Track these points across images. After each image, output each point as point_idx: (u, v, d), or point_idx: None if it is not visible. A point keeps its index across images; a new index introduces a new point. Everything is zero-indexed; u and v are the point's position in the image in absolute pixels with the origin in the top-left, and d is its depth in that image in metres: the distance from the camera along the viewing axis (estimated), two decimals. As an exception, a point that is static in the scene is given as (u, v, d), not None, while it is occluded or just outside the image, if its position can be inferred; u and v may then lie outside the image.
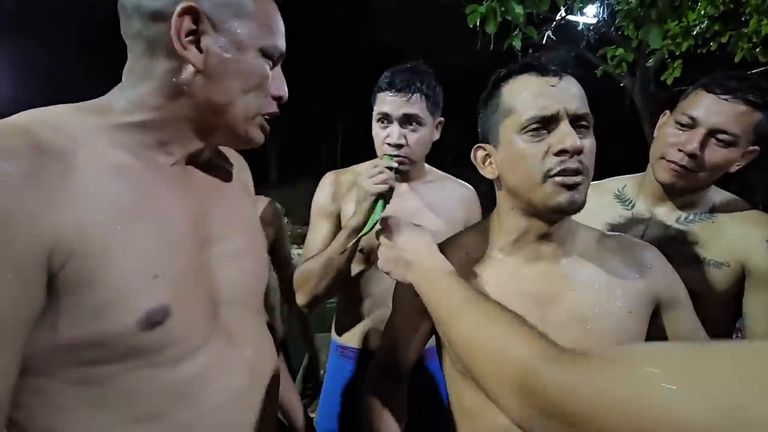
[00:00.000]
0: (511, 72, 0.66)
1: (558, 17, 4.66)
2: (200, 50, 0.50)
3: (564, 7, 4.44)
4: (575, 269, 0.67)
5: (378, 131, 1.07)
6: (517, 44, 3.27)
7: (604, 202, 1.07)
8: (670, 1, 3.05)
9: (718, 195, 0.98)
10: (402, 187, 1.13)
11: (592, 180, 0.68)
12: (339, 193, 1.12)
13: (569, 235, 0.69)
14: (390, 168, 0.94)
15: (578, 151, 0.59)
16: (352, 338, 1.17)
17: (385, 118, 1.04)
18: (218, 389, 0.54)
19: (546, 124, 0.61)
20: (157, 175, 0.52)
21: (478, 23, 2.99)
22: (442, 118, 1.11)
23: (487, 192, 0.72)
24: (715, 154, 0.86)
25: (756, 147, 0.88)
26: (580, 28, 5.15)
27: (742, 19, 3.89)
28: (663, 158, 0.92)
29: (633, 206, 1.04)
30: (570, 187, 0.60)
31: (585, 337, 0.63)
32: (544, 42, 4.71)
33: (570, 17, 5.00)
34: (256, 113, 0.57)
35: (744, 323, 0.91)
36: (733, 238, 0.91)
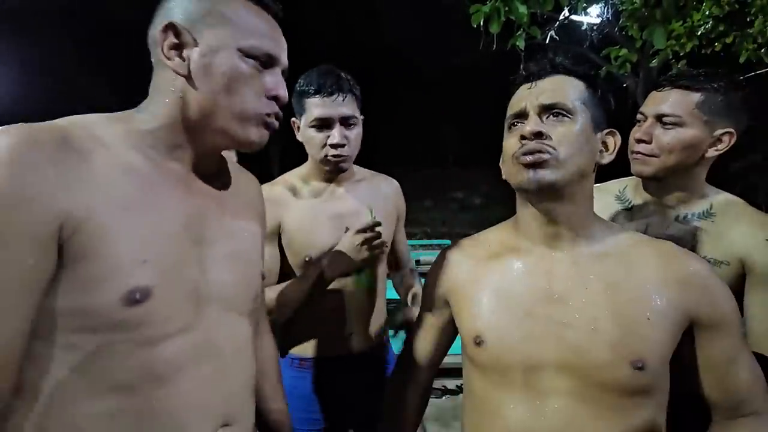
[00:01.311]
0: (513, 87, 0.75)
1: (561, 17, 4.64)
2: (183, 59, 0.59)
3: (567, 6, 4.43)
4: (594, 266, 0.67)
5: (314, 135, 1.09)
6: (521, 44, 3.26)
7: (606, 204, 1.10)
8: (675, 1, 3.04)
9: (716, 195, 1.02)
10: (338, 190, 1.18)
11: (600, 182, 0.70)
12: (277, 210, 1.12)
13: (586, 228, 0.70)
14: (377, 224, 1.03)
15: (535, 134, 0.65)
16: (309, 348, 1.16)
17: (323, 122, 1.06)
18: (191, 375, 0.58)
19: (520, 119, 0.70)
20: (162, 176, 0.59)
21: (481, 23, 2.98)
22: (362, 116, 1.16)
23: (488, 192, 0.73)
24: (664, 136, 0.96)
25: (730, 130, 0.95)
26: (584, 28, 5.14)
27: (747, 19, 3.87)
28: (631, 153, 1.03)
29: (632, 206, 1.07)
30: (530, 166, 0.65)
31: (590, 338, 0.63)
32: (547, 42, 4.69)
33: (573, 17, 4.99)
34: (252, 113, 0.62)
35: (745, 323, 0.91)
36: (732, 236, 0.93)
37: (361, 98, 1.14)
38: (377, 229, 1.05)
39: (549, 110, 0.67)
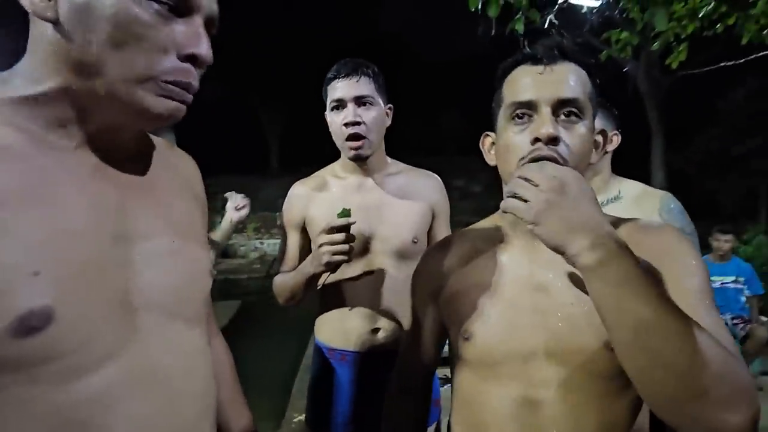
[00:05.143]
0: (512, 63, 0.67)
1: (560, 0, 4.56)
2: None
3: (567, -11, 4.35)
4: None
5: (333, 118, 1.12)
6: (520, 29, 3.22)
7: None
8: (677, -18, 2.98)
9: (621, 183, 1.31)
10: (368, 183, 1.17)
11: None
12: (303, 204, 1.18)
13: None
14: (347, 228, 0.97)
15: (552, 139, 0.60)
16: (336, 338, 1.17)
17: (339, 103, 1.10)
18: (126, 416, 0.44)
19: (528, 111, 0.63)
20: (54, 159, 0.45)
21: (479, 7, 2.94)
22: (391, 105, 1.18)
23: (488, 180, 0.72)
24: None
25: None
26: (583, 11, 5.05)
27: (750, 0, 3.80)
28: None
29: None
30: None
31: (567, 323, 0.63)
32: (546, 26, 4.62)
33: (572, 0, 4.90)
34: (145, 75, 0.45)
35: None
36: (632, 213, 1.04)
37: (385, 87, 1.16)
38: (341, 234, 0.98)
39: (564, 106, 0.62)
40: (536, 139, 0.61)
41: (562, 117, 0.62)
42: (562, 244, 0.52)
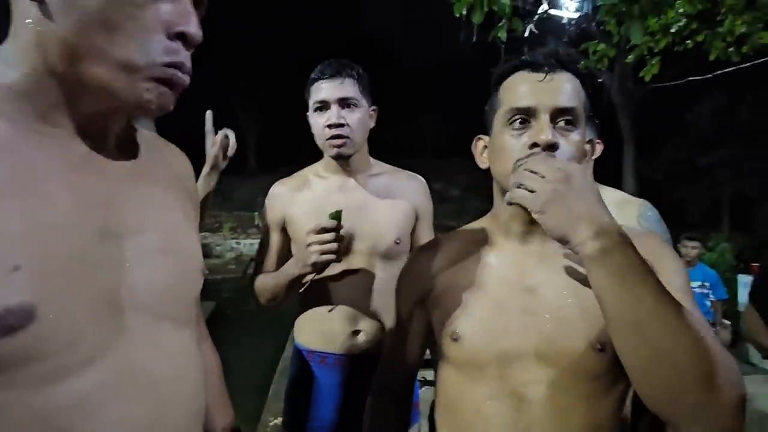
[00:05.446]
0: (509, 69, 0.68)
1: (541, 11, 4.67)
2: None
3: (547, 0, 4.46)
4: (561, 261, 0.68)
5: (316, 119, 1.11)
6: (503, 36, 3.26)
7: None
8: (651, -3, 3.09)
9: (601, 190, 1.24)
10: (350, 183, 1.16)
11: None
12: (284, 203, 1.18)
13: None
14: (337, 229, 0.97)
15: (550, 146, 0.61)
16: (315, 340, 1.15)
17: (323, 104, 1.09)
18: (110, 422, 0.42)
19: (527, 117, 0.64)
20: (39, 149, 0.42)
21: (464, 13, 2.97)
22: (375, 107, 1.17)
23: (467, 184, 0.72)
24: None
25: None
26: (563, 21, 5.19)
27: (718, 18, 3.98)
28: None
29: None
30: None
31: (557, 326, 0.64)
32: (526, 35, 4.72)
33: (552, 11, 5.03)
34: (143, 63, 0.42)
35: None
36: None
37: (370, 88, 1.15)
38: (331, 233, 0.98)
39: (561, 114, 0.63)
40: (534, 144, 0.62)
41: (560, 125, 0.63)
42: (567, 233, 0.53)
